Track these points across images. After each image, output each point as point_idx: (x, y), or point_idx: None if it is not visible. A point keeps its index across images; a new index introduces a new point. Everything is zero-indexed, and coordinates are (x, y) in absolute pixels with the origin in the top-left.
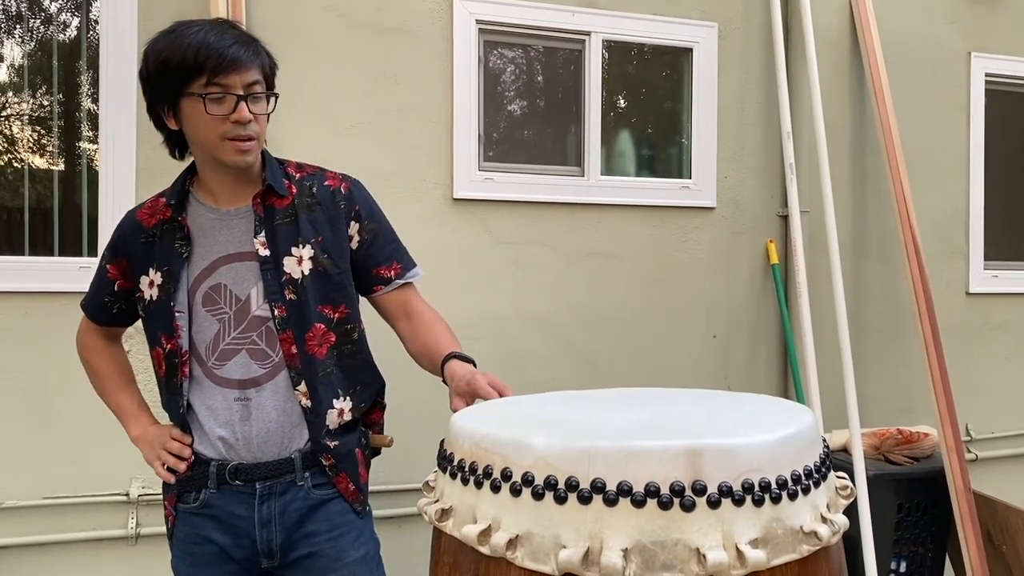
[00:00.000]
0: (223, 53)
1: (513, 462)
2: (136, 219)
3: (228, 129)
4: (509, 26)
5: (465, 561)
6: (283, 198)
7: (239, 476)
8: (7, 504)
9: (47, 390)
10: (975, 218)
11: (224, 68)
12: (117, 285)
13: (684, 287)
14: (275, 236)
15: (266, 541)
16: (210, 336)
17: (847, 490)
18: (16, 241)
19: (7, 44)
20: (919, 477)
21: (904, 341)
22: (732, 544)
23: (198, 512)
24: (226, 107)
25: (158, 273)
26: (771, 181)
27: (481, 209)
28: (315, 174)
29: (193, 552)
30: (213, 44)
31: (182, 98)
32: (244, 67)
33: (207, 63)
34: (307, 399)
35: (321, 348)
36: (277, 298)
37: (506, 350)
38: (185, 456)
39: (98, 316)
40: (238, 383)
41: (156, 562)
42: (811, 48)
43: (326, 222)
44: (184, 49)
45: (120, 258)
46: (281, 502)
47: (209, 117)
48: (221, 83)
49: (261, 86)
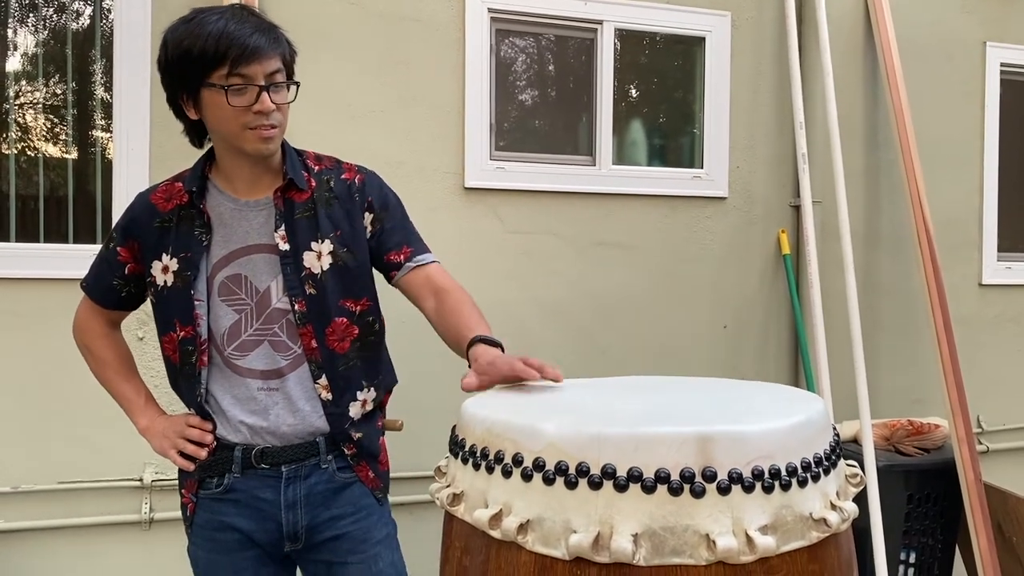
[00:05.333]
0: (244, 42)
1: (524, 447)
2: (150, 202)
3: (251, 119)
4: (521, 14)
5: (476, 545)
6: (303, 192)
7: (265, 460)
8: (23, 488)
9: (62, 376)
10: (988, 209)
11: (246, 58)
12: (128, 268)
13: (695, 277)
14: (295, 230)
15: (291, 523)
16: (227, 325)
17: (857, 478)
18: (31, 228)
19: (21, 33)
20: (930, 468)
21: (916, 332)
22: (742, 530)
23: (221, 497)
24: (248, 98)
25: (173, 259)
26: (783, 171)
27: (492, 198)
28: (332, 168)
29: (214, 538)
30: (234, 33)
31: (203, 88)
32: (266, 56)
33: (228, 53)
34: (327, 392)
35: (343, 342)
36: (297, 292)
37: (517, 339)
38: (207, 443)
39: (104, 299)
40: (261, 373)
41: (169, 547)
42: (824, 37)
43: (344, 216)
44: (204, 38)
45: (132, 241)
46: (306, 484)
47: (231, 108)
48: (243, 73)
49: (282, 75)
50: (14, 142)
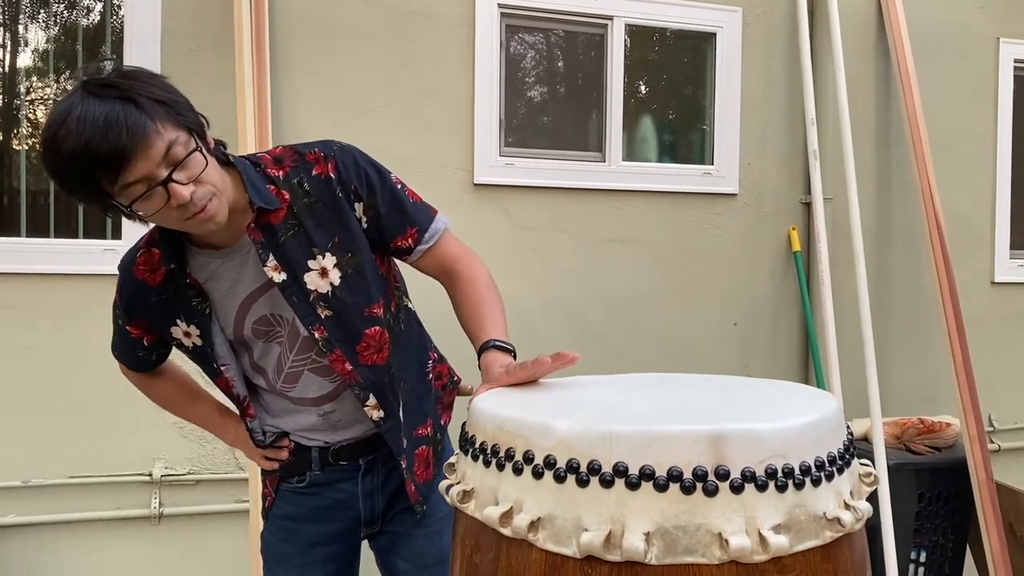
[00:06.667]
0: (106, 155)
1: (535, 445)
2: (138, 279)
3: (179, 213)
4: (531, 10)
5: (487, 543)
6: (278, 210)
7: (342, 456)
8: (33, 482)
9: (72, 371)
10: (1001, 206)
11: (119, 170)
12: (146, 340)
13: (705, 274)
14: (285, 255)
15: (369, 511)
16: (273, 362)
17: (870, 477)
18: (41, 224)
19: (31, 29)
20: (941, 467)
21: (927, 330)
22: (755, 529)
23: (303, 491)
24: (158, 200)
25: (191, 326)
26: (794, 168)
27: (502, 194)
28: (298, 166)
29: (288, 529)
30: (88, 148)
31: (110, 209)
32: (141, 153)
33: (100, 174)
34: (378, 411)
35: (381, 353)
36: (311, 320)
37: (526, 336)
38: (284, 444)
39: (139, 366)
40: (314, 400)
41: (178, 541)
42: (836, 33)
43: (334, 218)
44: (69, 166)
45: (138, 319)
46: (383, 472)
47: (153, 214)
48: (130, 182)
49: (181, 147)
50: (25, 138)
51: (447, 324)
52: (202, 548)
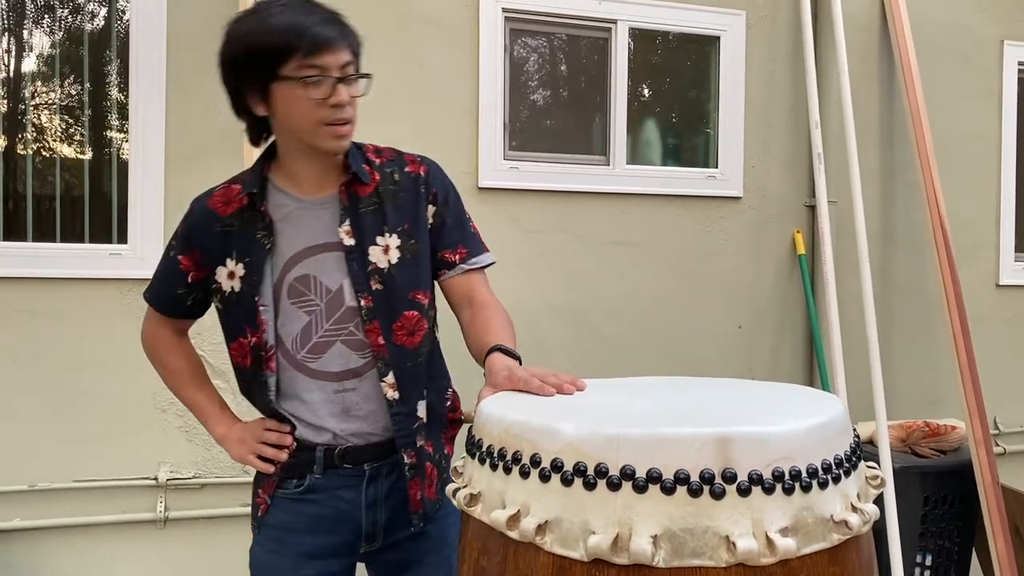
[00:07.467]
0: (316, 32)
1: (542, 448)
2: (208, 208)
3: (326, 114)
4: (535, 14)
5: (494, 546)
6: (366, 186)
7: (347, 459)
8: (39, 486)
9: (78, 375)
10: (1006, 209)
11: (318, 48)
12: (191, 276)
13: (710, 277)
14: (360, 225)
15: (371, 523)
16: (297, 329)
17: (877, 480)
18: (47, 228)
19: (36, 34)
20: (946, 470)
21: (932, 333)
22: (762, 532)
23: (300, 498)
24: (323, 90)
25: (239, 264)
26: (798, 171)
27: (506, 198)
28: (394, 159)
29: (282, 540)
30: (304, 23)
31: (273, 82)
32: (338, 47)
33: (300, 44)
34: (394, 391)
35: (413, 337)
36: (363, 288)
37: (532, 339)
38: (286, 444)
39: (169, 308)
40: (336, 375)
41: (184, 545)
42: (840, 36)
43: (411, 208)
44: (274, 30)
45: (193, 248)
46: (388, 482)
47: (307, 101)
48: (316, 64)
49: (354, 67)
50: (30, 143)
51: (452, 362)
52: (208, 552)
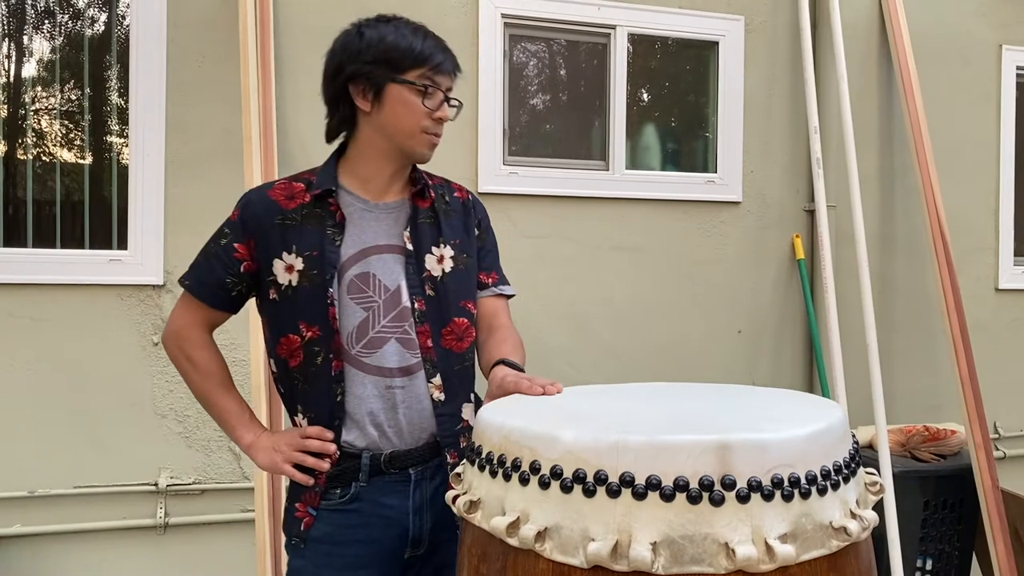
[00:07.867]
0: (443, 52)
1: (542, 455)
2: (270, 198)
3: (429, 124)
4: (535, 20)
5: (494, 553)
6: (426, 200)
7: (394, 464)
8: (40, 492)
9: (78, 380)
10: (1005, 213)
11: (443, 67)
12: (244, 266)
13: (709, 282)
14: (419, 233)
15: (418, 528)
16: (355, 323)
17: (876, 486)
18: (47, 234)
19: (37, 39)
20: (946, 474)
21: (932, 337)
22: (761, 539)
23: (345, 508)
24: (435, 102)
25: (299, 258)
26: (798, 176)
27: (506, 203)
28: (443, 184)
29: (332, 553)
30: (435, 45)
31: (393, 83)
32: (451, 74)
33: (433, 57)
34: (440, 392)
35: (461, 343)
36: (418, 292)
37: (531, 344)
38: (329, 452)
39: (213, 298)
40: (390, 371)
41: (184, 551)
42: (839, 41)
43: (461, 228)
44: (411, 39)
45: (250, 237)
46: (432, 485)
47: (418, 107)
48: (436, 79)
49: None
50: (30, 148)
51: None
52: (208, 557)
